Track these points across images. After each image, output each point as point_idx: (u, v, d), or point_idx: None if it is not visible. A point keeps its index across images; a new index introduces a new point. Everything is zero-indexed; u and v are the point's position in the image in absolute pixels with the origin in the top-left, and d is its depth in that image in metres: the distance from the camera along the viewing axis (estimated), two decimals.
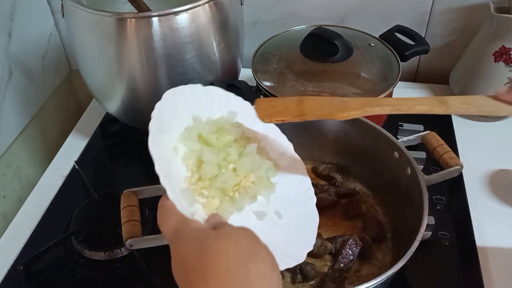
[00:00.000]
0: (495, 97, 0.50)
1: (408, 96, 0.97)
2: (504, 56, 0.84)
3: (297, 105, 0.52)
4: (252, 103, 0.72)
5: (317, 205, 0.57)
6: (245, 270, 0.35)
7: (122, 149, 0.94)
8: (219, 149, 0.49)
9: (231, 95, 0.56)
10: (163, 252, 0.65)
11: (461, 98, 0.51)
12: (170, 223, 0.43)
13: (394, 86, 0.80)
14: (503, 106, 0.49)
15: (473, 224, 0.73)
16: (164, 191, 0.44)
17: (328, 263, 0.66)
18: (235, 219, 0.48)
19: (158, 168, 0.44)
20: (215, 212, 0.46)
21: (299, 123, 0.75)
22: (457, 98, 0.50)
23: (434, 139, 0.69)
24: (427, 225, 0.58)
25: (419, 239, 0.55)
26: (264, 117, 0.50)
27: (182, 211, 0.43)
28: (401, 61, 0.84)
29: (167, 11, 0.70)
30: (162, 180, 0.43)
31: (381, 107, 0.50)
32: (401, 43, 0.87)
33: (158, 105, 0.48)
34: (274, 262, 0.37)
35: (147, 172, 0.88)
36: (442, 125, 0.92)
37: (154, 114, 0.46)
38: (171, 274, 0.72)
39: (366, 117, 0.71)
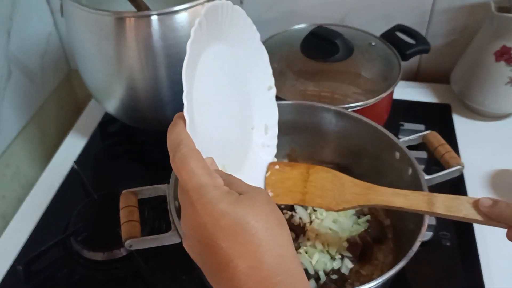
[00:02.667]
0: (476, 205, 0.49)
1: (408, 96, 0.98)
2: (505, 55, 0.84)
3: (303, 182, 0.57)
4: None
5: None
6: (280, 236, 0.36)
7: (122, 149, 0.93)
8: None
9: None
10: (163, 252, 0.65)
11: (447, 200, 0.52)
12: (195, 175, 0.36)
13: (395, 85, 0.80)
14: (483, 220, 0.49)
15: (474, 224, 0.73)
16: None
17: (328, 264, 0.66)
18: None
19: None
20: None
21: (299, 122, 0.75)
22: (444, 200, 0.52)
23: (435, 138, 0.68)
24: (428, 225, 0.57)
25: (420, 240, 0.55)
26: (275, 197, 0.57)
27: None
28: (402, 60, 0.84)
29: (167, 10, 0.70)
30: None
31: (374, 203, 0.55)
32: (402, 42, 0.86)
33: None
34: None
35: (146, 172, 0.87)
36: (443, 125, 0.92)
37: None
38: (171, 274, 0.72)
39: (367, 116, 0.71)
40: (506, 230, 0.50)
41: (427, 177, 0.63)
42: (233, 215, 0.34)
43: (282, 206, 0.70)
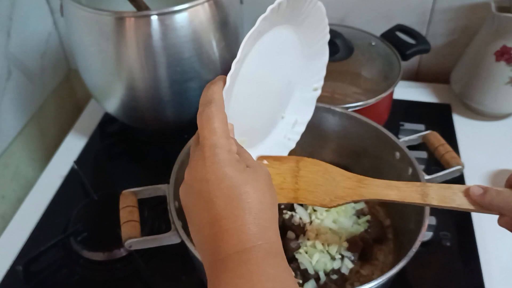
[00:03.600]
0: (467, 194, 0.49)
1: (408, 96, 0.98)
2: (505, 55, 0.84)
3: (293, 177, 0.56)
4: None
5: None
6: (270, 212, 0.39)
7: (121, 149, 0.93)
8: None
9: None
10: (163, 252, 0.65)
11: (441, 190, 0.52)
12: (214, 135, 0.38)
13: (395, 85, 0.80)
14: (477, 208, 0.49)
15: (474, 224, 0.73)
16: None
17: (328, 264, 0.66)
18: None
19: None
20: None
21: None
22: (438, 190, 0.52)
23: (436, 138, 0.68)
24: (428, 225, 0.57)
25: (421, 240, 0.55)
26: None
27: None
28: (402, 60, 0.84)
29: (167, 10, 0.70)
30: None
31: (368, 198, 0.54)
32: (402, 42, 0.86)
33: None
34: None
35: (146, 172, 0.87)
36: (443, 125, 0.92)
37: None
38: (171, 274, 0.72)
39: (367, 116, 0.71)
40: (506, 230, 0.50)
41: (427, 177, 0.63)
42: (235, 180, 0.37)
43: (282, 206, 0.70)
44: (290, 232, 0.67)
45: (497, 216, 0.75)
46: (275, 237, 0.38)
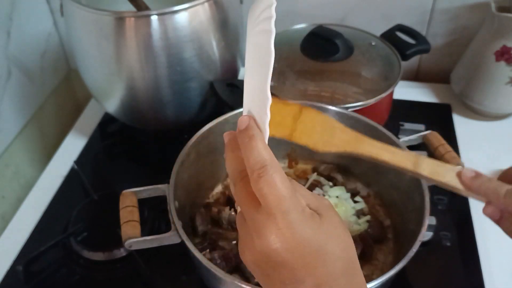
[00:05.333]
0: (459, 175, 0.50)
1: (408, 96, 0.98)
2: (505, 55, 0.84)
3: (293, 119, 0.54)
4: None
5: None
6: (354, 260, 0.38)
7: (121, 149, 0.93)
8: None
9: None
10: (163, 252, 0.65)
11: (433, 165, 0.52)
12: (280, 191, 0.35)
13: (395, 85, 0.80)
14: (464, 190, 0.50)
15: (474, 224, 0.73)
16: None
17: None
18: None
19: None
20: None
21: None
22: (431, 164, 0.52)
23: (436, 138, 0.68)
24: (428, 225, 0.57)
25: (421, 240, 0.55)
26: None
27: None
28: (402, 60, 0.84)
29: (167, 10, 0.70)
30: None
31: (361, 152, 0.54)
32: (402, 42, 0.86)
33: None
34: None
35: (146, 172, 0.87)
36: (443, 125, 0.92)
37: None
38: (171, 274, 0.72)
39: (367, 116, 0.71)
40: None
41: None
42: (318, 241, 0.35)
43: None
44: None
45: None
46: (361, 278, 0.38)
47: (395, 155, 0.53)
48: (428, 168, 0.51)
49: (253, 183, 0.35)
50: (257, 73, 0.39)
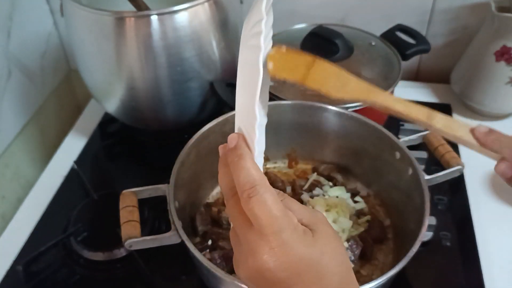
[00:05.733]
0: (472, 131, 0.50)
1: (408, 96, 0.98)
2: (505, 55, 0.84)
3: (306, 68, 0.53)
4: None
5: None
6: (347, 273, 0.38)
7: (121, 149, 0.93)
8: None
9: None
10: (163, 252, 0.65)
11: (447, 120, 0.51)
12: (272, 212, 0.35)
13: (395, 85, 0.80)
14: (477, 146, 0.50)
15: (474, 224, 0.73)
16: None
17: None
18: None
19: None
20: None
21: (299, 122, 0.75)
22: (444, 119, 0.51)
23: (436, 138, 0.68)
24: (429, 225, 0.57)
25: (421, 240, 0.55)
26: (275, 71, 0.50)
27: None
28: (402, 60, 0.84)
29: (167, 10, 0.70)
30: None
31: (375, 101, 0.53)
32: (402, 42, 0.86)
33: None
34: None
35: (146, 172, 0.87)
36: None
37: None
38: (171, 274, 0.72)
39: (367, 116, 0.71)
40: (506, 230, 0.50)
41: (427, 177, 0.62)
42: (310, 259, 0.35)
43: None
44: None
45: (496, 217, 0.75)
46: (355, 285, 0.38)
47: (408, 107, 0.52)
48: (442, 122, 0.51)
49: (244, 203, 0.35)
50: (246, 90, 0.38)
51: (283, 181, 0.75)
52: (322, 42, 0.82)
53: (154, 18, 0.70)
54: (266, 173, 0.79)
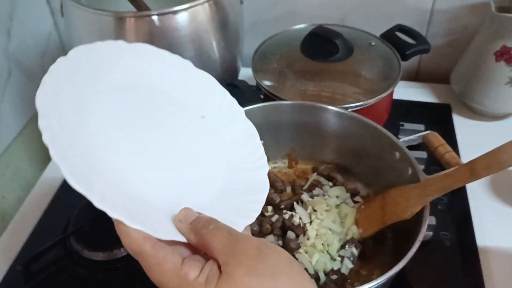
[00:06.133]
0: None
1: (408, 96, 0.98)
2: (505, 55, 0.84)
3: (381, 209, 0.65)
4: (252, 103, 0.73)
5: None
6: None
7: None
8: None
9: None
10: None
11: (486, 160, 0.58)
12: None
13: (395, 85, 0.80)
14: None
15: (474, 225, 0.73)
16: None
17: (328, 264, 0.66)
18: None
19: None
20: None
21: (299, 122, 0.75)
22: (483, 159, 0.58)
23: (435, 138, 0.68)
24: (428, 225, 0.57)
25: (420, 240, 0.55)
26: (364, 233, 0.66)
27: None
28: (402, 60, 0.84)
29: (167, 10, 0.70)
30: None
31: (433, 195, 0.59)
32: (401, 42, 0.86)
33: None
34: None
35: None
36: (443, 125, 0.92)
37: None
38: None
39: (367, 116, 0.71)
40: (506, 230, 0.50)
41: (426, 176, 0.62)
42: None
43: (282, 206, 0.70)
44: (290, 232, 0.67)
45: (496, 217, 0.75)
46: None
47: (453, 177, 0.57)
48: (482, 165, 0.57)
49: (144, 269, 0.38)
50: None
51: (283, 181, 0.75)
52: (322, 42, 0.82)
53: (154, 18, 0.70)
54: None
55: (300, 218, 0.68)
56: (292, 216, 0.68)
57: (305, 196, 0.71)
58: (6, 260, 0.71)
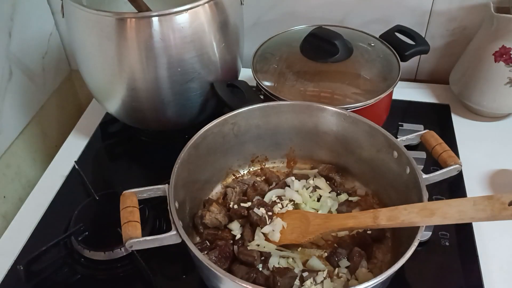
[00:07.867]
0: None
1: (407, 96, 0.98)
2: (504, 56, 0.84)
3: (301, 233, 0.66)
4: (252, 104, 0.73)
5: None
6: None
7: (122, 149, 0.94)
8: None
9: None
10: (163, 252, 0.66)
11: (388, 211, 0.60)
12: None
13: (394, 86, 0.80)
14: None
15: (473, 224, 0.73)
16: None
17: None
18: None
19: None
20: None
21: (298, 122, 0.75)
22: (385, 213, 0.60)
23: (433, 138, 0.69)
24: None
25: (419, 239, 0.55)
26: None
27: None
28: (401, 61, 0.84)
29: (167, 11, 0.70)
30: None
31: (331, 229, 0.64)
32: (401, 43, 0.87)
33: None
34: None
35: (146, 172, 0.88)
36: (442, 125, 0.92)
37: None
38: (171, 274, 0.72)
39: (367, 116, 0.71)
40: (505, 230, 0.50)
41: (425, 176, 0.63)
42: None
43: (278, 200, 0.72)
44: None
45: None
46: None
47: (356, 219, 0.62)
48: (385, 216, 0.60)
49: None
50: None
51: (278, 177, 0.76)
52: (322, 43, 0.82)
53: (155, 19, 0.70)
54: (261, 169, 0.80)
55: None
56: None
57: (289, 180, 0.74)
58: (7, 260, 0.71)
